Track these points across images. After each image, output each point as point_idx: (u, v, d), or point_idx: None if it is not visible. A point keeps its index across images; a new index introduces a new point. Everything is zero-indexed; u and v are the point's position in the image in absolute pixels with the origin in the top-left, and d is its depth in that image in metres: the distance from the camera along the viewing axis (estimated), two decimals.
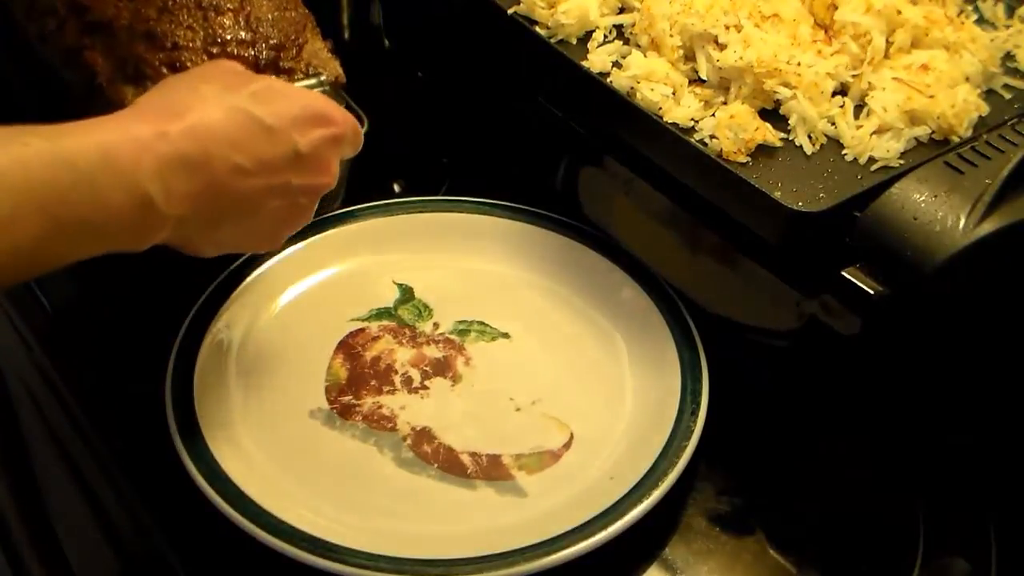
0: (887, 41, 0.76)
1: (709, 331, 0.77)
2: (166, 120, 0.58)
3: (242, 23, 0.77)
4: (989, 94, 0.77)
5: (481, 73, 0.90)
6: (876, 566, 0.71)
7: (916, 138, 0.71)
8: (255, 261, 0.81)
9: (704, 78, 0.75)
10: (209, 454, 0.67)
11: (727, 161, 0.69)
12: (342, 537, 0.64)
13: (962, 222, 0.63)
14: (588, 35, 0.79)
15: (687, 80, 0.75)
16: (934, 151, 0.70)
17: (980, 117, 0.74)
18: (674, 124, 0.72)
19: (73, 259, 0.56)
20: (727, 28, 0.75)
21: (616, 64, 0.76)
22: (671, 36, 0.76)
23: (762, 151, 0.70)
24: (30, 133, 0.53)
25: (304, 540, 0.63)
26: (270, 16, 0.78)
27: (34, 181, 0.51)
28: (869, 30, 0.75)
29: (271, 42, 0.77)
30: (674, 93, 0.74)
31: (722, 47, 0.75)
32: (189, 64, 0.74)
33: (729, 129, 0.70)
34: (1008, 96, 0.77)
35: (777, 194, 0.67)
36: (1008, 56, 0.80)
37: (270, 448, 0.70)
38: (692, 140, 0.71)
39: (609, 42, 0.78)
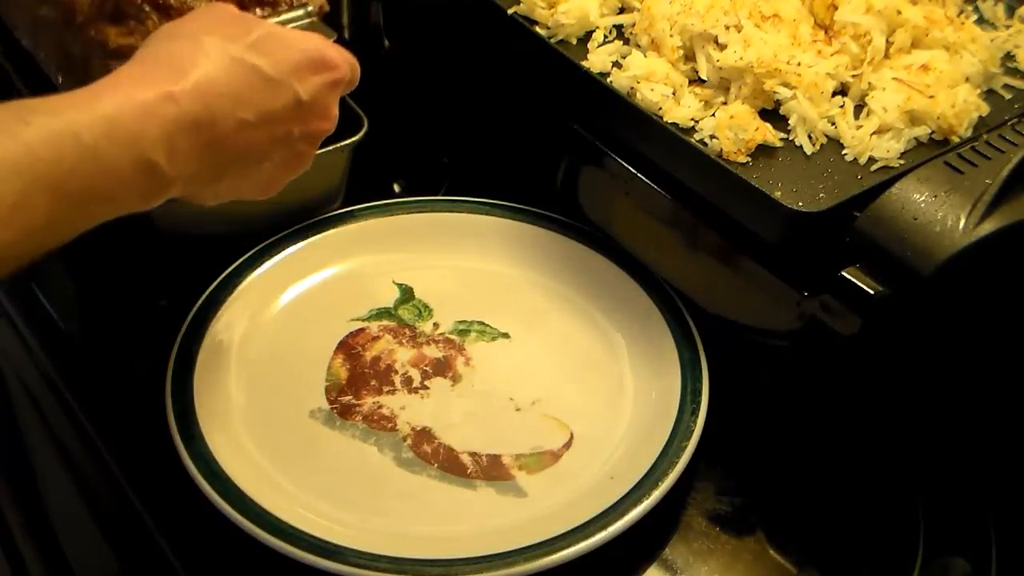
0: (887, 41, 0.76)
1: (709, 331, 0.77)
2: (170, 79, 0.57)
3: None
4: (989, 94, 0.77)
5: (481, 73, 0.90)
6: (876, 566, 0.71)
7: (916, 138, 0.71)
8: (255, 261, 0.81)
9: (704, 78, 0.75)
10: (209, 454, 0.67)
11: (727, 161, 0.69)
12: (342, 537, 0.64)
13: (962, 222, 0.63)
14: (588, 35, 0.79)
15: (687, 80, 0.75)
16: (934, 151, 0.70)
17: (980, 117, 0.74)
18: (674, 124, 0.72)
19: (81, 230, 0.55)
20: (727, 28, 0.75)
21: (616, 64, 0.76)
22: (671, 36, 0.76)
23: (762, 151, 0.70)
24: (31, 110, 0.52)
25: (304, 540, 0.63)
26: None
27: (41, 161, 0.51)
28: (869, 30, 0.75)
29: None
30: (674, 93, 0.74)
31: (722, 47, 0.75)
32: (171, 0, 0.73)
33: (729, 129, 0.70)
34: (1008, 96, 0.77)
35: (777, 194, 0.67)
36: (1008, 56, 0.80)
37: (270, 448, 0.70)
38: (692, 140, 0.71)
39: (609, 42, 0.78)
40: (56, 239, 0.54)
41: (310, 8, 0.78)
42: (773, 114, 0.73)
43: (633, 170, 0.77)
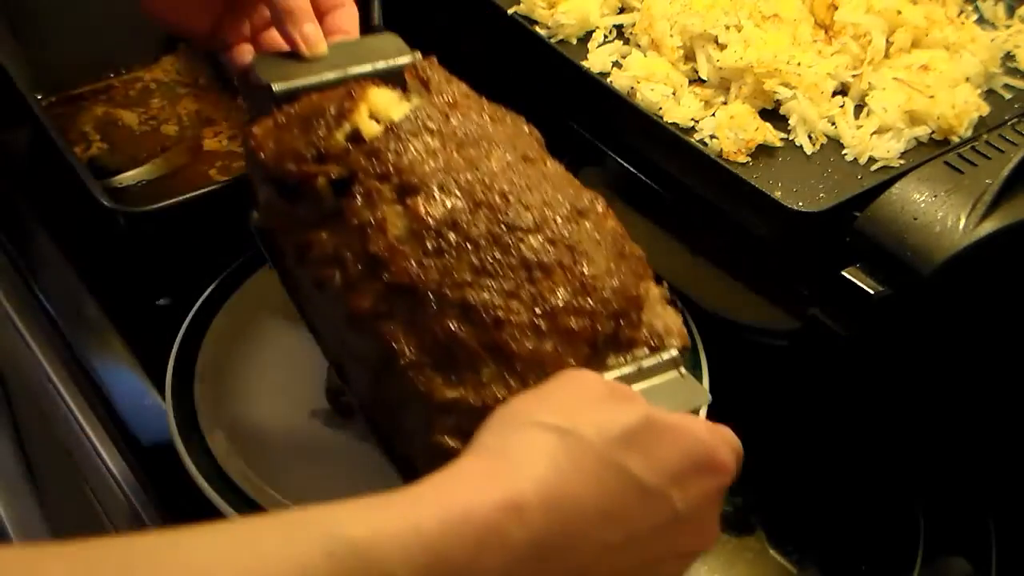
0: (887, 41, 0.76)
1: (709, 331, 0.77)
2: (511, 485, 0.43)
3: (576, 283, 0.58)
4: (989, 94, 0.77)
5: (481, 73, 0.90)
6: (876, 566, 0.71)
7: (916, 138, 0.71)
8: (256, 261, 0.80)
9: (704, 78, 0.75)
10: (209, 454, 0.67)
11: (727, 161, 0.69)
12: None
13: (962, 222, 0.63)
14: (588, 35, 0.79)
15: (687, 80, 0.75)
16: (934, 151, 0.70)
17: (980, 117, 0.73)
18: (674, 124, 0.72)
19: None
20: (727, 28, 0.75)
21: (616, 64, 0.76)
22: (671, 36, 0.76)
23: (762, 151, 0.70)
24: (309, 522, 0.41)
25: None
26: (606, 268, 0.59)
27: None
28: (869, 30, 0.75)
29: (610, 306, 0.58)
30: (674, 93, 0.74)
31: (722, 47, 0.75)
32: (514, 345, 0.55)
33: (729, 129, 0.70)
34: (1008, 96, 0.77)
35: (777, 194, 0.67)
36: (1008, 56, 0.80)
37: (270, 448, 0.70)
38: (692, 140, 0.71)
39: (609, 42, 0.78)
40: None
41: (674, 352, 0.60)
42: (773, 114, 0.73)
43: (633, 170, 0.77)
